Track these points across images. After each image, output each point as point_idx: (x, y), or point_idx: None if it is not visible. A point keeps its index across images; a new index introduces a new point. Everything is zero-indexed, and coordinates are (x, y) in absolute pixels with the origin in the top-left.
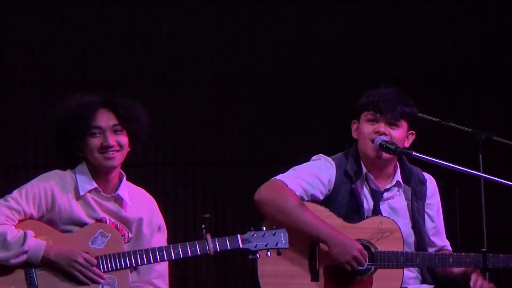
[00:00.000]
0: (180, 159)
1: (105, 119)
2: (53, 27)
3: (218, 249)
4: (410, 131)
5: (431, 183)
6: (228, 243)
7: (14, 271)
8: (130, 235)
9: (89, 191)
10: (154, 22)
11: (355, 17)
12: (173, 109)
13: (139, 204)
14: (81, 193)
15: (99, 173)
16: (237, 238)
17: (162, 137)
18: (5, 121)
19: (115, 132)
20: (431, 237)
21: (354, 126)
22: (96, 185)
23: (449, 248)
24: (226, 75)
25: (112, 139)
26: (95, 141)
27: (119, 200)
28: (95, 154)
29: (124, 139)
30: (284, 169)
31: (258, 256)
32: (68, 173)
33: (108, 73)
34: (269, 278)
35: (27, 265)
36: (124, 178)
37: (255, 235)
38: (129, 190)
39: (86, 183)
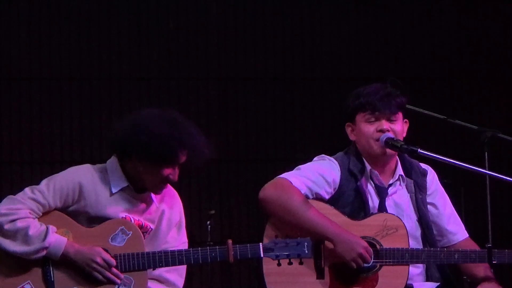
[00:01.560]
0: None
1: (183, 157)
2: (56, 21)
3: (239, 257)
4: (404, 120)
5: (430, 174)
6: (249, 251)
7: (32, 265)
8: (153, 226)
9: (122, 189)
10: (160, 18)
11: (361, 16)
12: (177, 105)
13: (163, 198)
14: (114, 190)
15: (136, 181)
16: (259, 247)
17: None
18: (13, 117)
19: (179, 165)
20: (447, 227)
21: (349, 129)
22: (128, 183)
23: (470, 241)
24: (232, 72)
25: (177, 174)
26: (166, 172)
27: (148, 199)
28: (155, 182)
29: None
30: (290, 167)
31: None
32: (99, 169)
33: (114, 70)
34: (274, 277)
35: (45, 261)
36: None
37: (278, 244)
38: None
39: (119, 181)
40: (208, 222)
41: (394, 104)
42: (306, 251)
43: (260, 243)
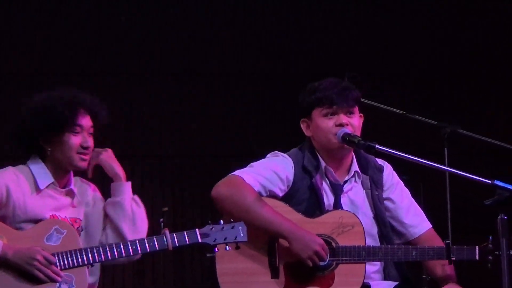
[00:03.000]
0: (139, 151)
1: (85, 119)
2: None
3: (177, 244)
4: (360, 114)
5: (387, 169)
6: (186, 237)
7: None
8: (82, 225)
9: (47, 186)
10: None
11: (324, 11)
12: (131, 101)
13: (83, 191)
14: (41, 187)
15: (60, 170)
16: (196, 232)
17: (120, 130)
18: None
19: (89, 134)
20: (404, 220)
21: (304, 125)
22: (53, 179)
23: (433, 233)
24: (188, 67)
25: (90, 141)
26: (76, 140)
27: (71, 194)
28: (72, 153)
29: (93, 142)
30: (245, 163)
31: (217, 250)
32: (22, 168)
33: (71, 66)
34: (228, 277)
35: None
36: (71, 172)
37: (213, 228)
38: (75, 183)
39: (45, 178)
40: (161, 220)
41: (351, 97)
42: (242, 234)
43: (197, 229)
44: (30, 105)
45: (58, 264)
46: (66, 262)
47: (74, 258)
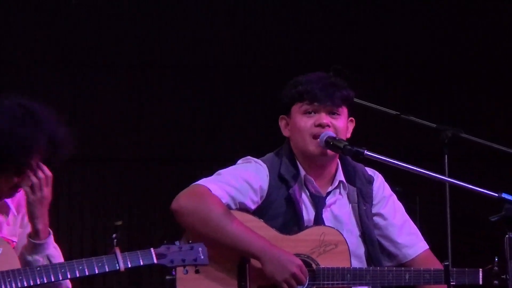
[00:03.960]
0: (89, 154)
1: (35, 161)
2: None
3: (130, 265)
4: (350, 118)
5: (377, 180)
6: (140, 258)
7: None
8: (15, 239)
9: None
10: None
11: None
12: (80, 95)
13: (19, 204)
14: None
15: None
16: (151, 253)
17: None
18: None
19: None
20: (397, 239)
21: (283, 123)
22: None
23: (430, 255)
24: (142, 59)
25: (27, 182)
26: (11, 179)
27: (5, 208)
28: (4, 188)
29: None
30: (210, 171)
31: (174, 273)
32: None
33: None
34: None
35: None
36: None
37: (170, 248)
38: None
39: None
40: (114, 236)
41: (338, 95)
42: (202, 256)
43: (152, 248)
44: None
45: None
46: (2, 285)
47: (12, 279)
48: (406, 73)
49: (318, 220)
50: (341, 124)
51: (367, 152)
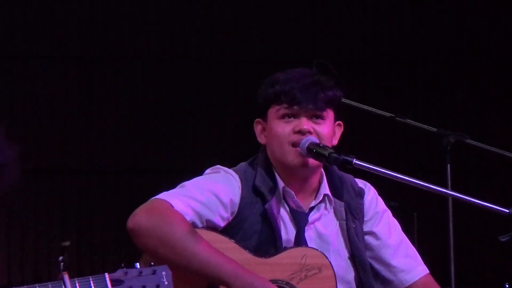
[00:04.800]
0: (32, 164)
1: None
2: None
3: None
4: (337, 122)
5: (369, 193)
6: (93, 285)
7: None
8: None
9: None
10: None
11: None
12: (22, 100)
13: None
14: None
15: None
16: (105, 278)
17: (8, 136)
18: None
19: None
20: (392, 262)
21: (258, 128)
22: None
23: (430, 281)
24: (97, 58)
25: None
26: None
27: None
28: None
29: None
30: (173, 183)
31: None
32: None
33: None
34: None
35: None
36: None
37: (128, 273)
38: None
39: None
40: (61, 258)
41: (321, 97)
42: (166, 282)
43: (106, 273)
44: None
45: None
46: None
47: None
48: (402, 70)
49: (299, 240)
50: (326, 130)
51: (357, 161)
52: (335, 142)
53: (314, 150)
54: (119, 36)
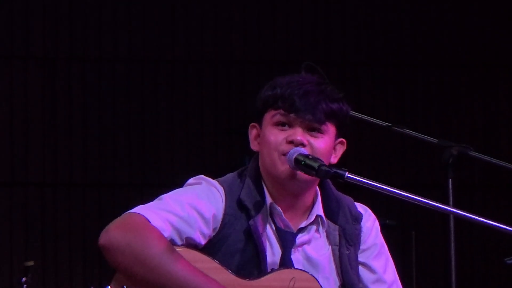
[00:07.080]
0: None
1: None
2: None
3: None
4: (339, 139)
5: (368, 219)
6: None
7: None
8: None
9: None
10: None
11: None
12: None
13: None
14: None
15: None
16: None
17: None
18: None
19: None
20: None
21: (253, 133)
22: None
23: None
24: (56, 52)
25: None
26: None
27: None
28: None
29: None
30: (150, 196)
31: None
32: None
33: None
34: None
35: None
36: None
37: None
38: None
39: None
40: (24, 280)
41: (323, 107)
42: None
43: None
44: None
45: None
46: None
47: None
48: (400, 74)
49: (286, 262)
50: (323, 145)
51: (349, 175)
52: (334, 160)
53: (303, 162)
54: (85, 36)
